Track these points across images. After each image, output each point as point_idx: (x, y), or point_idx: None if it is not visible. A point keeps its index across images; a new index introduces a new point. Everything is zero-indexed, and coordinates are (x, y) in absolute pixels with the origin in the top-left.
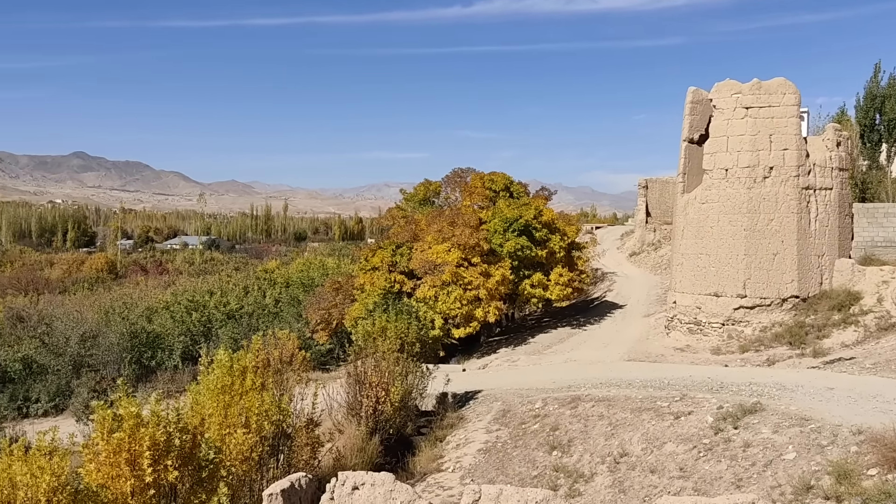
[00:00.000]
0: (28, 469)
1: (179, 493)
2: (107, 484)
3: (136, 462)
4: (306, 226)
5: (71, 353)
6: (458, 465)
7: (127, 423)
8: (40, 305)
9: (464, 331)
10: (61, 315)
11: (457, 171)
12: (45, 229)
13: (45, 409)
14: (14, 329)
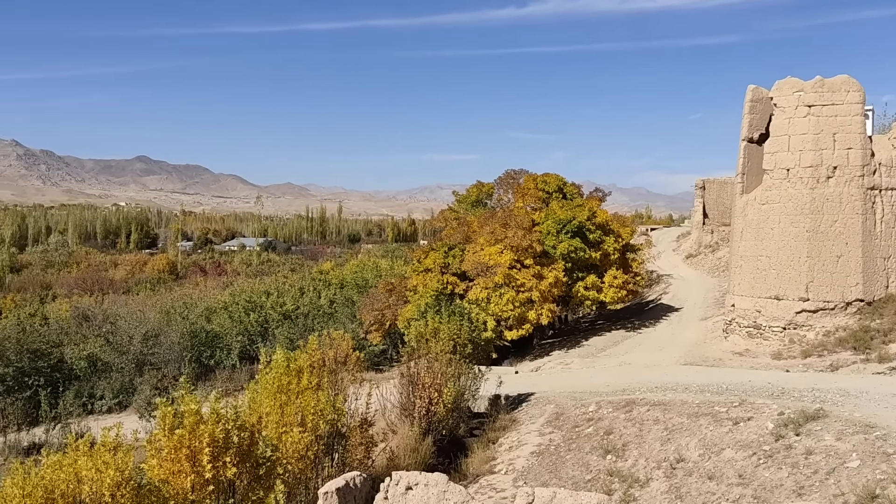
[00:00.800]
0: (93, 464)
1: (238, 489)
2: (168, 479)
3: (196, 458)
4: (360, 227)
5: (134, 352)
6: (510, 468)
7: (188, 420)
8: (105, 305)
9: (516, 333)
10: (125, 314)
11: (509, 173)
12: (110, 231)
13: (110, 405)
14: (80, 328)
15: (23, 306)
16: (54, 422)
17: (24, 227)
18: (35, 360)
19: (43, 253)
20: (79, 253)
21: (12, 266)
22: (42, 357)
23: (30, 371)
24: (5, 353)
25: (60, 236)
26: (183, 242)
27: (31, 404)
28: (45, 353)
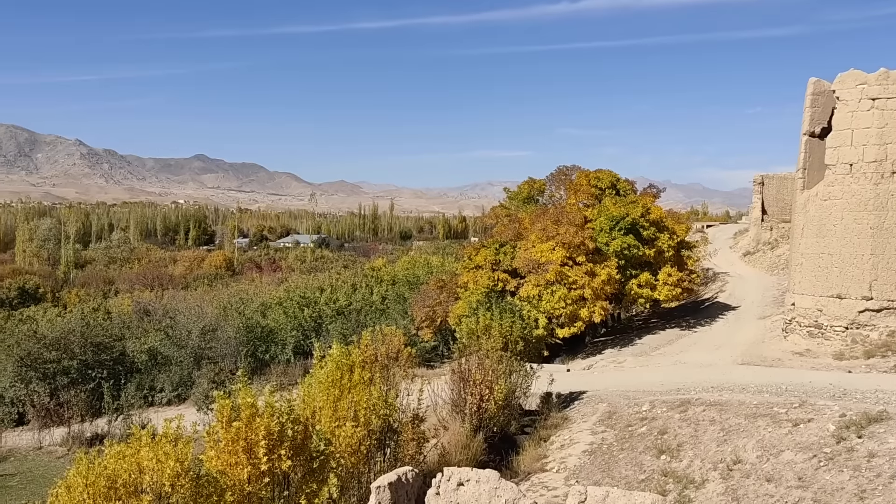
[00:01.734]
0: (154, 455)
1: (292, 481)
2: (225, 471)
3: (252, 450)
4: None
5: (192, 346)
6: (562, 466)
7: (244, 413)
8: (165, 300)
9: (568, 330)
10: (184, 309)
11: (561, 169)
12: (169, 228)
13: (169, 398)
14: (141, 322)
15: (87, 301)
16: (116, 413)
17: (87, 224)
18: (98, 353)
19: (106, 249)
20: (140, 249)
21: (77, 262)
22: (105, 350)
23: (93, 364)
24: (70, 347)
25: (122, 233)
26: (239, 239)
27: (95, 396)
28: (107, 346)
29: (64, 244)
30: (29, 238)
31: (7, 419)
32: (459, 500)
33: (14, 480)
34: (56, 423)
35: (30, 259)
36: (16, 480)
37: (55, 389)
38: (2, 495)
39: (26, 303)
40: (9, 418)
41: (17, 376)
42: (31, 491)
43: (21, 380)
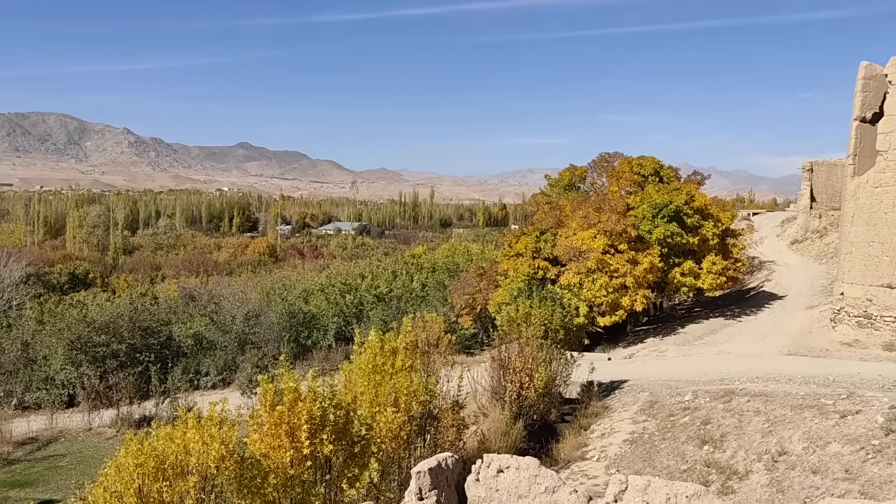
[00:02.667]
0: (200, 437)
1: (333, 465)
2: (269, 454)
3: (295, 434)
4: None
5: (236, 331)
6: (602, 455)
7: (287, 398)
8: (209, 286)
9: (609, 319)
10: (228, 295)
11: (603, 156)
12: (214, 215)
13: (214, 382)
14: (187, 307)
15: (135, 286)
16: (163, 396)
17: (135, 211)
18: (146, 337)
19: (153, 236)
20: (185, 236)
21: (125, 248)
22: (152, 334)
23: (141, 347)
24: (119, 331)
25: (169, 220)
26: (282, 226)
27: (142, 379)
28: (155, 330)
29: (112, 231)
30: (79, 224)
31: (58, 401)
32: (499, 487)
33: (65, 460)
34: (105, 406)
35: (80, 245)
36: (66, 460)
37: (104, 372)
38: (53, 474)
39: (76, 288)
40: (59, 400)
41: (68, 359)
42: (80, 471)
43: (71, 362)
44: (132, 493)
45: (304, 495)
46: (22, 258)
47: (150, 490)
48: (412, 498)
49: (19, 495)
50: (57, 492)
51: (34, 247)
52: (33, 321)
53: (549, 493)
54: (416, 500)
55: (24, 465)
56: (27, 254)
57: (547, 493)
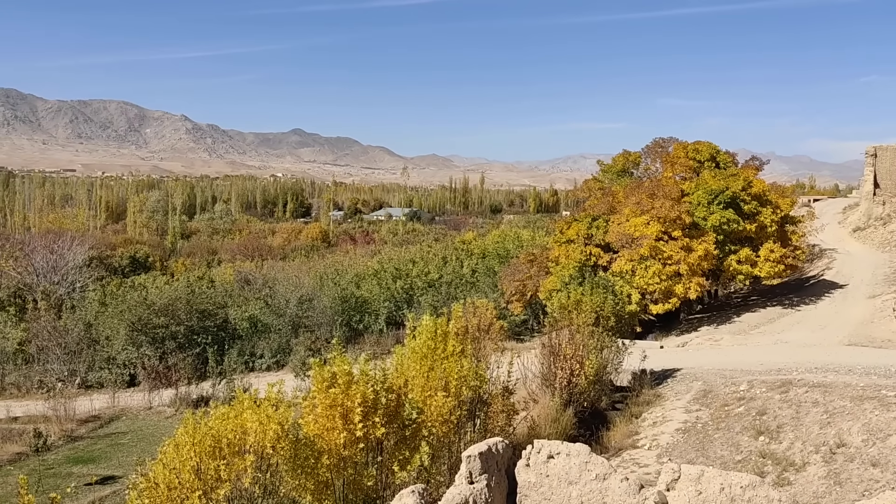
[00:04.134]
0: (257, 417)
1: (385, 448)
2: (322, 435)
3: (348, 416)
4: (502, 198)
5: (290, 314)
6: (654, 444)
7: (341, 380)
8: (264, 270)
9: (662, 307)
10: (282, 279)
11: (657, 141)
12: (268, 201)
13: (268, 364)
14: (242, 291)
15: (192, 270)
16: (220, 377)
17: (192, 196)
18: (203, 319)
19: (209, 221)
20: (241, 221)
21: (183, 232)
22: (209, 317)
23: (198, 329)
24: (177, 313)
25: (224, 205)
26: (334, 212)
27: (200, 360)
28: (211, 313)
29: (171, 215)
30: (139, 209)
31: (119, 380)
32: (549, 473)
33: (126, 438)
34: (164, 385)
35: (140, 229)
36: (127, 438)
37: (163, 353)
38: (114, 451)
39: (137, 271)
40: (121, 379)
41: (129, 340)
42: (141, 448)
43: (132, 343)
44: (189, 471)
45: (357, 476)
46: (85, 242)
47: (207, 468)
48: (463, 481)
49: (82, 471)
50: (118, 468)
51: (96, 231)
52: (96, 303)
53: (599, 480)
54: (466, 483)
55: (86, 442)
56: (90, 238)
57: (597, 480)
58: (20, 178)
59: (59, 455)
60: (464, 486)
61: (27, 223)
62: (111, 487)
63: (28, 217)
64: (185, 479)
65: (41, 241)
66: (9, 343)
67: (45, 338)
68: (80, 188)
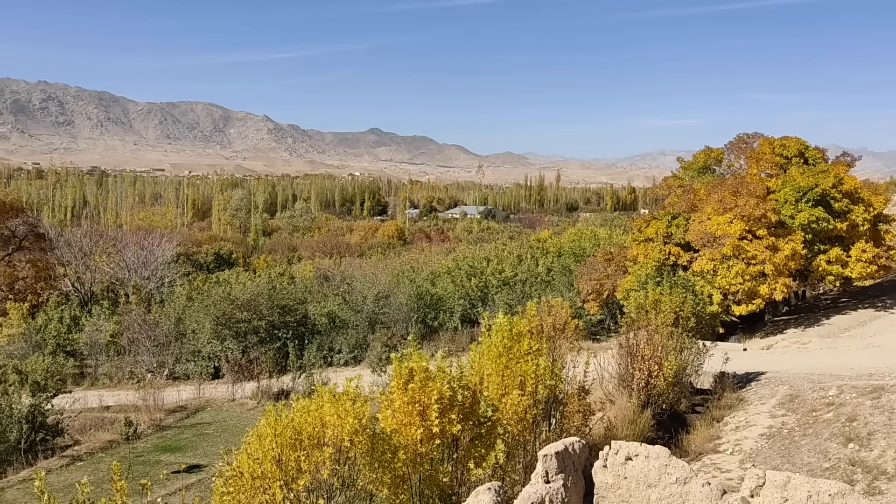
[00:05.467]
0: (336, 411)
1: (461, 444)
2: (399, 430)
3: (424, 412)
4: (578, 196)
5: (367, 311)
6: (736, 448)
7: (418, 377)
8: (342, 267)
9: (745, 308)
10: (359, 276)
11: (742, 137)
12: (346, 199)
13: (346, 359)
14: (321, 287)
15: (273, 266)
16: (299, 371)
17: (273, 195)
18: (284, 314)
19: (290, 218)
20: (320, 219)
21: (264, 230)
22: (289, 312)
23: (279, 324)
24: (259, 308)
25: (304, 203)
26: (410, 210)
27: (280, 354)
28: (292, 308)
29: (253, 213)
30: (223, 207)
31: (205, 372)
32: (627, 475)
33: (210, 428)
34: (247, 378)
35: (224, 227)
36: (212, 428)
37: (246, 347)
38: (200, 441)
39: (221, 267)
40: (206, 372)
41: (214, 334)
42: (225, 439)
43: (217, 337)
44: (271, 461)
45: (433, 472)
46: (173, 239)
47: (287, 459)
48: (538, 480)
49: (170, 459)
50: (203, 457)
51: (183, 228)
52: (183, 297)
53: (679, 484)
54: (542, 482)
55: (174, 432)
56: (177, 235)
57: (678, 484)
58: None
59: (149, 443)
60: (540, 485)
61: (119, 220)
62: (197, 476)
63: (120, 215)
64: (267, 469)
65: (132, 238)
66: (102, 335)
67: (136, 330)
68: (168, 187)
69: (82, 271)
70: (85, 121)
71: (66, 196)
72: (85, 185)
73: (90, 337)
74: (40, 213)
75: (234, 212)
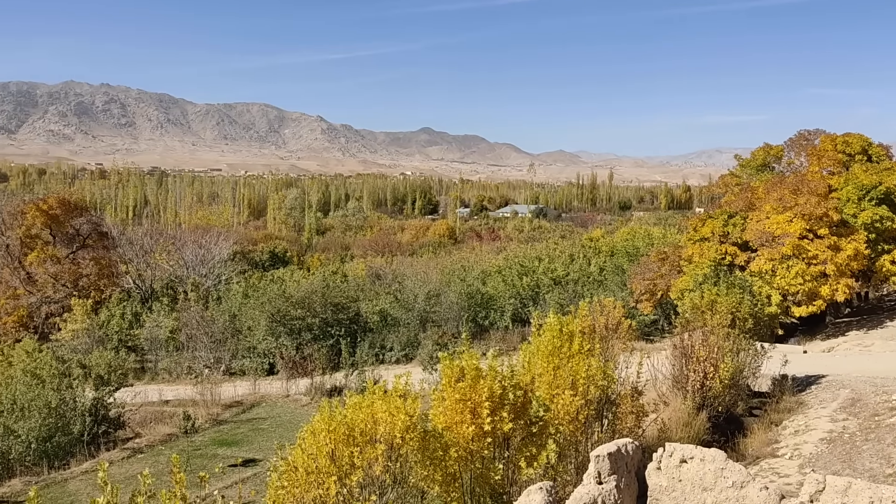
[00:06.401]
0: (387, 408)
1: (512, 443)
2: (450, 428)
3: (476, 411)
4: (631, 195)
5: (418, 309)
6: (795, 453)
7: (469, 375)
8: (393, 265)
9: (805, 309)
10: (411, 275)
11: (802, 134)
12: (398, 198)
13: (397, 357)
14: (373, 285)
15: (326, 265)
16: (352, 368)
17: (327, 194)
18: (336, 312)
19: (342, 217)
20: (372, 218)
21: (318, 229)
22: (342, 310)
23: (332, 322)
24: (313, 306)
25: (357, 203)
26: (461, 209)
27: (333, 351)
28: (344, 306)
29: (307, 212)
30: (278, 207)
31: (260, 369)
32: (682, 478)
33: (265, 423)
34: (300, 375)
35: (279, 226)
36: (267, 423)
37: (300, 344)
38: (255, 435)
39: (276, 265)
40: (261, 368)
41: (269, 330)
42: (279, 434)
43: (272, 334)
44: (325, 456)
45: (484, 470)
46: (229, 237)
47: (341, 454)
48: (591, 481)
49: (226, 453)
50: (259, 451)
51: (239, 227)
52: (239, 295)
53: (736, 488)
54: (594, 483)
55: (230, 426)
56: (234, 233)
57: (734, 488)
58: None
59: (206, 437)
60: (592, 485)
61: (178, 219)
62: (252, 470)
63: (179, 214)
64: (321, 464)
65: (190, 237)
66: (162, 331)
67: (194, 327)
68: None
69: (143, 269)
70: (146, 122)
71: (128, 196)
72: (146, 184)
73: (150, 333)
74: (103, 212)
75: (289, 211)
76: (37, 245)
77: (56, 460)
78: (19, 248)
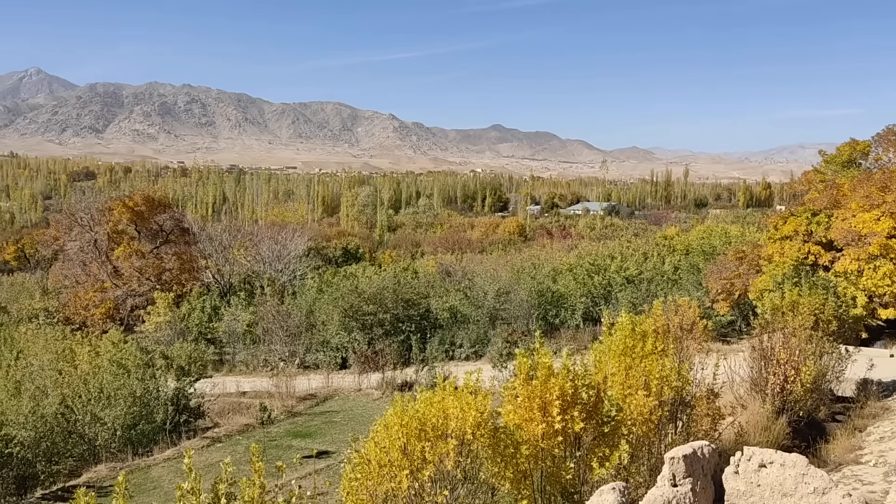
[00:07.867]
0: (458, 404)
1: (583, 443)
2: (521, 425)
3: (546, 409)
4: (707, 192)
5: (488, 306)
6: (881, 460)
7: (541, 373)
8: (463, 262)
9: (893, 311)
10: (480, 272)
11: (891, 129)
12: (468, 195)
13: (467, 353)
14: (443, 282)
15: (397, 261)
16: (422, 364)
17: (398, 191)
18: (407, 308)
19: (413, 215)
20: (442, 215)
21: (389, 226)
22: (413, 306)
23: (403, 318)
24: (384, 302)
25: (427, 200)
26: (531, 206)
27: (404, 347)
28: (415, 303)
29: (379, 210)
30: (351, 204)
31: (333, 363)
32: (760, 483)
33: (338, 416)
34: (372, 369)
35: (351, 223)
36: (339, 416)
37: (372, 339)
38: (329, 428)
39: (348, 261)
40: (334, 362)
41: (342, 325)
42: (352, 427)
43: (344, 328)
44: (398, 450)
45: (555, 469)
46: (304, 234)
47: (413, 448)
48: (665, 483)
49: (300, 444)
50: (332, 444)
51: (314, 223)
52: (314, 290)
53: (818, 495)
54: (669, 485)
55: (304, 419)
56: (308, 230)
57: (816, 495)
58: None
59: (281, 428)
60: (666, 488)
61: (255, 216)
62: (326, 461)
63: (256, 210)
64: (393, 457)
65: (267, 233)
66: (239, 324)
67: (270, 321)
68: (299, 184)
69: (222, 264)
70: (224, 121)
71: (208, 193)
72: (224, 182)
73: (229, 326)
74: (184, 208)
75: (361, 208)
76: (123, 240)
77: (140, 447)
78: (107, 243)
